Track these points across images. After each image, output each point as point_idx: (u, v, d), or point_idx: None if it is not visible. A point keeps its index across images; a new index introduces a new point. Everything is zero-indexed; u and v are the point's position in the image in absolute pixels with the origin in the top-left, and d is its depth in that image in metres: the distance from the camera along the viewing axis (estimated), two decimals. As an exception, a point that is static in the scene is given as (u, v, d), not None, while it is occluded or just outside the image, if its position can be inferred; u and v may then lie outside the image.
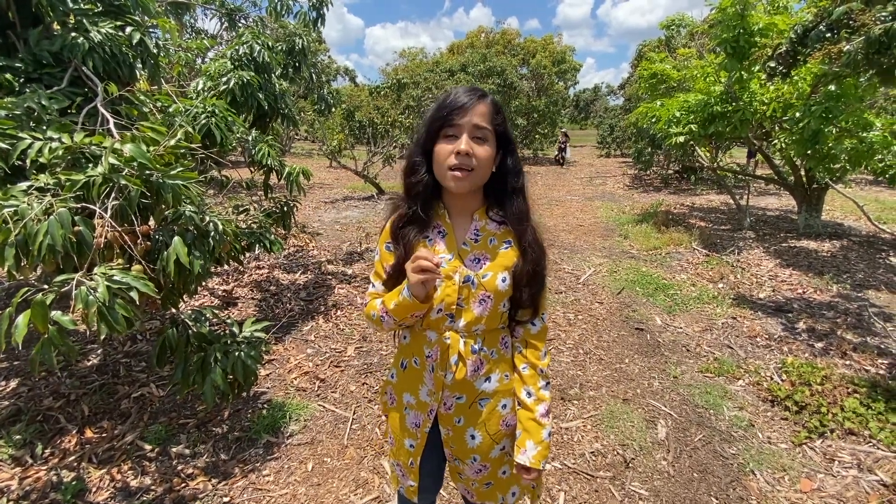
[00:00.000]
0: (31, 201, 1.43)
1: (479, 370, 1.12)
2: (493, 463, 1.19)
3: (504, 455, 1.20)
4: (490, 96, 1.06)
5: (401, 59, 21.57)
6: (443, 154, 1.02)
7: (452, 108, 1.00)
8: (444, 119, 1.01)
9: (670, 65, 7.15)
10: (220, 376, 1.91)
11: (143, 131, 1.82)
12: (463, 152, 0.99)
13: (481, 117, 1.02)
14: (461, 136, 1.01)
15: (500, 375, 1.15)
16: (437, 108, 1.04)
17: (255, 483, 2.04)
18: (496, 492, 1.23)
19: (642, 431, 2.42)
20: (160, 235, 1.79)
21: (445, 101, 1.03)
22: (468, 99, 1.01)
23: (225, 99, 3.07)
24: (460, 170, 1.01)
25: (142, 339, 3.21)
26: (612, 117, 19.28)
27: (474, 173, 1.02)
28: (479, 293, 1.08)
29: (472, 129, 1.01)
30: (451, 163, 1.01)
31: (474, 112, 1.01)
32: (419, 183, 1.07)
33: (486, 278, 1.07)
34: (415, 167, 1.08)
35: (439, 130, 1.02)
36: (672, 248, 5.72)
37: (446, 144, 1.02)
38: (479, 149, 1.02)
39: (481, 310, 1.08)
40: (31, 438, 2.24)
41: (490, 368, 1.14)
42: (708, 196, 9.83)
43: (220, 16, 4.73)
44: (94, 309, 1.31)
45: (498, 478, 1.21)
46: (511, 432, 1.18)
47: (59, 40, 2.09)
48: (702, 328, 3.62)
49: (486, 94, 1.05)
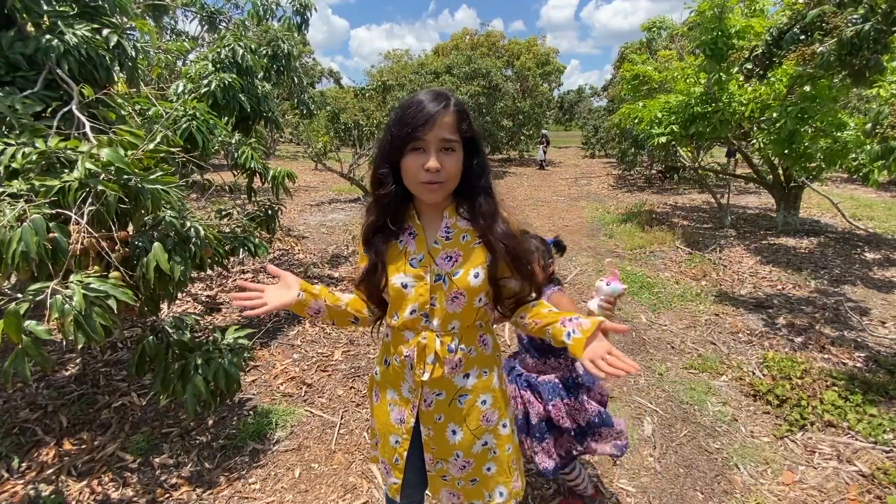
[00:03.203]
0: (4, 207, 1.39)
1: (457, 368, 1.13)
2: (476, 459, 1.20)
3: (487, 451, 1.20)
4: (454, 101, 1.02)
5: (386, 60, 21.54)
6: (411, 169, 1.00)
7: (417, 123, 0.97)
8: (408, 135, 0.98)
9: (652, 66, 7.27)
10: (201, 384, 1.88)
11: (121, 135, 1.78)
12: (433, 169, 0.98)
13: (447, 129, 0.99)
14: (429, 150, 0.98)
15: (479, 372, 1.17)
16: (400, 118, 1.00)
17: (241, 491, 2.01)
18: (482, 489, 1.23)
19: (629, 428, 2.44)
20: (139, 241, 1.76)
21: (408, 112, 0.98)
22: (433, 110, 0.97)
23: (206, 101, 3.03)
24: (432, 183, 1.00)
25: (122, 347, 3.14)
26: (596, 118, 19.51)
27: (445, 185, 1.02)
28: (451, 291, 1.08)
29: (440, 143, 0.99)
30: (422, 178, 1.00)
31: (440, 125, 0.97)
32: (387, 195, 1.06)
33: (457, 276, 1.08)
34: (382, 179, 1.06)
35: (406, 143, 0.99)
36: (656, 247, 5.80)
37: (414, 158, 1.00)
38: (448, 160, 1.00)
39: (454, 307, 1.09)
40: (7, 452, 2.17)
41: (469, 365, 1.15)
42: (690, 195, 10.00)
43: (200, 18, 4.67)
44: (70, 318, 1.28)
45: (483, 474, 1.21)
46: (492, 428, 1.19)
47: (34, 43, 2.04)
48: (686, 325, 3.68)
49: (450, 101, 1.01)
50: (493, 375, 1.19)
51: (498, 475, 1.23)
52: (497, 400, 1.20)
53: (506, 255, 1.08)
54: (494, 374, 1.20)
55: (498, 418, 1.21)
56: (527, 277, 1.13)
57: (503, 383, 1.25)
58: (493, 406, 1.19)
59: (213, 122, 2.63)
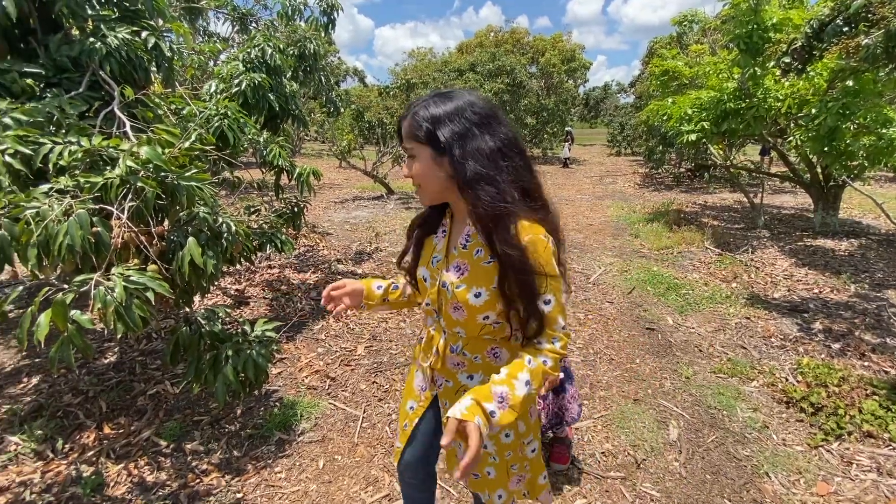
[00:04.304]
0: (52, 203, 1.47)
1: (459, 366, 1.16)
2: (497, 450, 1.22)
3: (487, 455, 1.21)
4: (413, 110, 1.02)
5: (410, 59, 21.62)
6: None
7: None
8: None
9: (682, 62, 7.07)
10: (231, 374, 1.94)
11: (159, 134, 1.86)
12: (406, 177, 1.08)
13: (406, 137, 1.03)
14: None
15: (483, 378, 1.14)
16: None
17: (268, 479, 2.07)
18: (483, 486, 1.25)
19: (654, 432, 2.40)
20: (175, 236, 1.83)
21: None
22: (400, 122, 1.06)
23: (237, 101, 3.11)
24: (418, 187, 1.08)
25: (157, 337, 3.27)
26: (622, 115, 19.13)
27: (423, 188, 1.07)
28: (452, 301, 1.08)
29: (406, 151, 1.06)
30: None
31: (403, 134, 1.04)
32: None
33: (459, 289, 1.05)
34: None
35: None
36: (684, 248, 5.65)
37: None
38: (415, 166, 1.05)
39: (457, 315, 1.09)
40: (52, 434, 2.30)
41: (473, 369, 1.16)
42: (721, 194, 9.70)
43: (231, 20, 4.80)
44: (111, 308, 1.34)
45: (484, 474, 1.24)
46: (495, 435, 1.17)
47: (78, 46, 2.14)
48: (714, 328, 3.58)
49: (411, 110, 1.02)
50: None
51: (497, 480, 1.23)
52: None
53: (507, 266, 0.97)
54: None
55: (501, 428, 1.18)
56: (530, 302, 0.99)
57: None
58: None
59: (243, 120, 2.71)
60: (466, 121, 0.99)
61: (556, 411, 2.03)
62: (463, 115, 0.99)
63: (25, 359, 3.02)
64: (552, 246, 1.00)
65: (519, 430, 1.20)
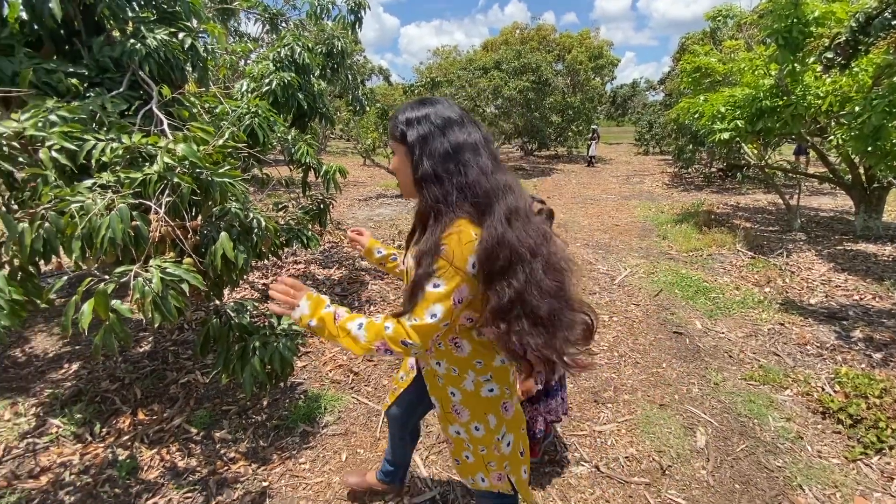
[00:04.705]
0: (95, 197, 1.53)
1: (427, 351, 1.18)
2: (455, 442, 1.33)
3: (462, 441, 1.31)
4: (395, 113, 1.14)
5: (434, 57, 21.66)
6: None
7: None
8: None
9: (715, 58, 6.86)
10: (258, 366, 1.99)
11: (194, 132, 1.91)
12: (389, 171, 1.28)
13: (389, 136, 1.16)
14: None
15: (449, 367, 1.25)
16: None
17: (292, 470, 2.12)
18: (465, 471, 1.35)
19: (680, 438, 2.34)
20: (207, 230, 1.88)
21: None
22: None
23: (267, 99, 3.19)
24: None
25: (188, 328, 3.39)
26: (651, 113, 18.68)
27: (400, 183, 1.19)
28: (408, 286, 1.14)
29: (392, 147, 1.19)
30: None
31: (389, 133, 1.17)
32: None
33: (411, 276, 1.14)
34: None
35: None
36: (714, 250, 5.49)
37: None
38: (393, 161, 1.18)
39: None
40: (91, 418, 2.41)
41: (438, 356, 1.25)
42: (754, 195, 9.37)
43: (262, 20, 4.90)
44: (149, 299, 1.39)
45: (463, 459, 1.33)
46: (464, 423, 1.27)
47: (120, 47, 2.23)
48: (746, 334, 3.46)
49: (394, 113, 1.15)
50: (465, 377, 1.22)
51: (475, 465, 1.32)
52: (468, 400, 1.24)
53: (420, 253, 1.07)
54: (468, 377, 1.22)
55: (470, 418, 1.26)
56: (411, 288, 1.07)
57: (480, 390, 1.22)
58: (463, 404, 1.25)
59: (273, 118, 2.77)
60: (431, 125, 1.07)
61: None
62: (428, 120, 1.08)
63: (66, 346, 3.17)
64: (477, 247, 1.01)
65: (490, 424, 1.25)
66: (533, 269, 1.03)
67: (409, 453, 1.85)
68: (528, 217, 1.09)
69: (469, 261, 1.01)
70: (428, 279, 1.02)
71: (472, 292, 1.05)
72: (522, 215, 1.08)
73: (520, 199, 1.09)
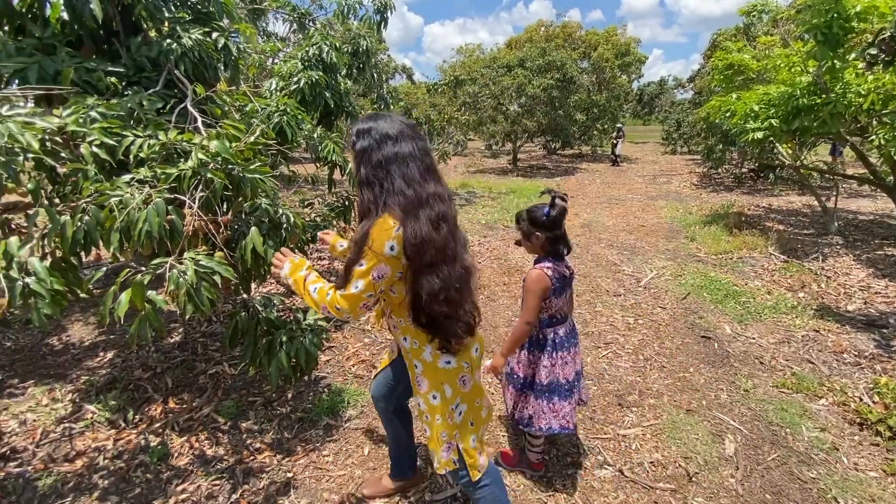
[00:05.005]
0: (133, 192, 1.59)
1: (395, 329, 1.46)
2: (419, 415, 1.47)
3: (422, 414, 1.46)
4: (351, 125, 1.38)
5: (458, 55, 21.61)
6: None
7: None
8: None
9: (749, 54, 6.63)
10: (284, 360, 2.03)
11: (226, 129, 1.96)
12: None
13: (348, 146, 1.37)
14: None
15: (412, 341, 1.41)
16: None
17: (316, 462, 2.15)
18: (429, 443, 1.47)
19: (707, 445, 2.28)
20: (237, 225, 1.93)
21: None
22: None
23: (295, 98, 3.24)
24: None
25: (216, 321, 3.48)
26: (679, 112, 18.23)
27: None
28: None
29: None
30: None
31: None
32: None
33: None
34: None
35: None
36: (745, 253, 5.32)
37: None
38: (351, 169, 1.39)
39: None
40: (124, 405, 2.50)
41: (404, 332, 1.42)
42: (788, 197, 9.04)
43: (291, 20, 4.99)
44: (183, 290, 1.43)
45: (423, 430, 1.47)
46: (423, 393, 1.42)
47: (156, 47, 2.30)
48: (778, 340, 3.35)
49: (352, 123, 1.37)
50: (423, 349, 1.39)
51: (431, 440, 1.45)
52: (427, 370, 1.40)
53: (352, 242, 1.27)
54: (427, 349, 1.39)
55: (428, 388, 1.41)
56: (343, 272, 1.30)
57: (438, 361, 1.39)
58: (423, 375, 1.41)
59: (300, 117, 2.81)
60: (371, 139, 1.28)
61: (529, 414, 1.94)
62: (369, 134, 1.28)
63: (101, 335, 3.30)
64: (396, 233, 1.21)
65: (446, 394, 1.40)
66: (453, 268, 1.29)
67: (402, 435, 1.87)
68: (456, 224, 1.34)
69: (386, 245, 1.21)
70: (356, 260, 1.25)
71: (394, 271, 1.25)
72: (451, 222, 1.31)
73: (450, 208, 1.32)
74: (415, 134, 1.32)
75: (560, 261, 1.87)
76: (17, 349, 3.12)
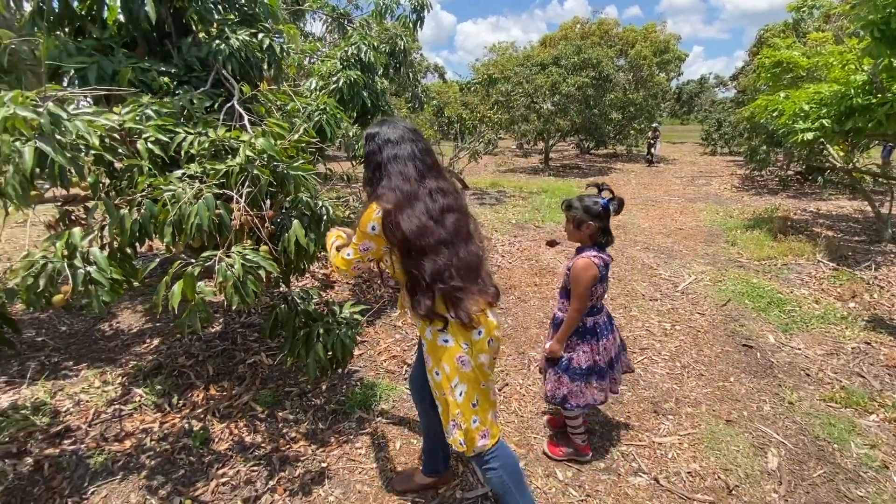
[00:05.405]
0: (185, 187, 1.66)
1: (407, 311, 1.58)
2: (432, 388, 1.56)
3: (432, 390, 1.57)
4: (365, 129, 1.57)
5: (490, 53, 21.48)
6: None
7: None
8: None
9: (799, 51, 6.31)
10: (321, 351, 2.08)
11: (271, 127, 2.02)
12: None
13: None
14: None
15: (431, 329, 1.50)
16: None
17: (349, 454, 2.20)
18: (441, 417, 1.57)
19: (749, 458, 2.20)
20: (280, 220, 1.99)
21: None
22: None
23: (334, 97, 3.31)
24: None
25: (254, 312, 3.59)
26: (719, 111, 17.55)
27: None
28: None
29: None
30: None
31: None
32: None
33: None
34: None
35: None
36: (790, 259, 5.08)
37: None
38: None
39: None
40: (169, 389, 2.63)
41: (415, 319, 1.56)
42: (838, 201, 8.56)
43: (329, 20, 5.09)
44: (230, 282, 1.49)
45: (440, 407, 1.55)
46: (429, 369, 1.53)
47: (206, 47, 2.39)
48: (826, 351, 3.18)
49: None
50: (425, 327, 1.50)
51: (442, 415, 1.54)
52: (430, 347, 1.50)
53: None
54: (427, 328, 1.49)
55: (432, 364, 1.51)
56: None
57: (437, 339, 1.48)
58: (428, 352, 1.52)
59: (339, 115, 2.87)
60: (374, 143, 1.48)
61: (563, 393, 2.02)
62: (374, 139, 1.49)
63: (148, 322, 3.47)
64: (376, 216, 1.40)
65: (445, 371, 1.48)
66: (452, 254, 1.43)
67: (437, 428, 1.84)
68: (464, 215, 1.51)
69: (368, 225, 1.42)
70: (350, 235, 1.62)
71: (378, 246, 1.46)
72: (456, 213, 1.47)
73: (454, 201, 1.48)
74: (416, 137, 1.50)
75: (602, 250, 1.92)
76: (71, 333, 3.32)
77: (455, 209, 1.48)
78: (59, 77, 2.11)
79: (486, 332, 1.51)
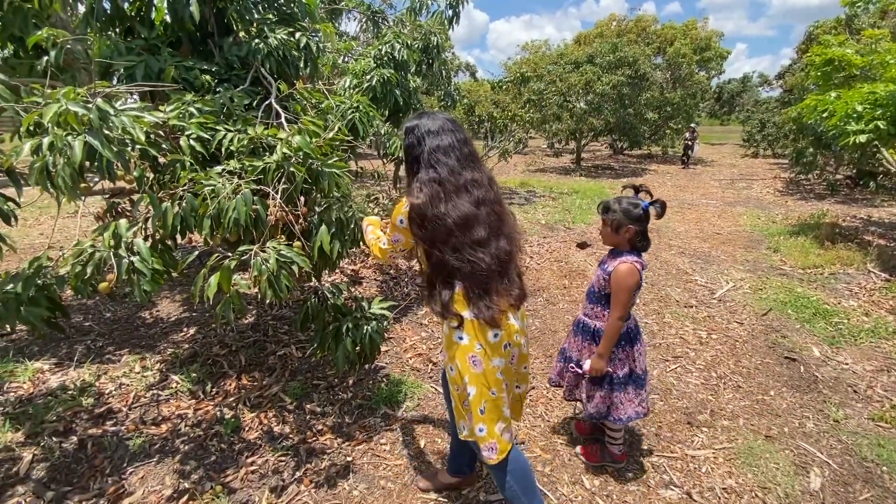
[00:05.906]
0: (224, 182, 1.71)
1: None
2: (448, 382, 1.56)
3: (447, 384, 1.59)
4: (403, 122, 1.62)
5: (523, 52, 21.23)
6: None
7: None
8: None
9: (852, 49, 5.96)
10: (350, 346, 2.11)
11: (306, 125, 2.05)
12: None
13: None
14: None
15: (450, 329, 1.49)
16: None
17: (374, 449, 2.22)
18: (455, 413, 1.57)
19: (789, 476, 2.09)
20: (312, 217, 2.02)
21: None
22: None
23: (367, 95, 3.34)
24: None
25: (285, 305, 3.68)
26: (763, 111, 16.79)
27: None
28: None
29: None
30: None
31: None
32: None
33: None
34: None
35: None
36: (838, 268, 4.80)
37: None
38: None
39: None
40: (203, 377, 2.72)
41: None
42: (891, 208, 8.05)
43: (364, 19, 5.14)
44: (265, 277, 1.52)
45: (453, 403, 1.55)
46: (445, 361, 1.54)
47: (246, 46, 2.45)
48: (876, 368, 2.99)
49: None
50: (444, 324, 1.49)
51: (455, 410, 1.54)
52: (446, 342, 1.51)
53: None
54: (445, 323, 1.49)
55: (447, 359, 1.52)
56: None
57: (452, 335, 1.47)
58: (444, 347, 1.53)
59: (372, 114, 2.89)
60: (414, 136, 1.48)
61: (607, 405, 1.95)
62: (413, 132, 1.49)
63: (185, 312, 3.60)
64: (404, 210, 1.44)
65: (458, 367, 1.46)
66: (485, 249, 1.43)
67: None
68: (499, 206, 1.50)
69: (397, 219, 1.47)
70: (385, 227, 1.71)
71: (406, 238, 1.50)
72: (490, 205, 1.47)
73: (488, 192, 1.48)
74: (455, 127, 1.49)
75: (639, 255, 1.85)
76: (115, 320, 3.48)
77: (488, 202, 1.47)
78: (110, 75, 2.21)
79: (504, 336, 1.47)
